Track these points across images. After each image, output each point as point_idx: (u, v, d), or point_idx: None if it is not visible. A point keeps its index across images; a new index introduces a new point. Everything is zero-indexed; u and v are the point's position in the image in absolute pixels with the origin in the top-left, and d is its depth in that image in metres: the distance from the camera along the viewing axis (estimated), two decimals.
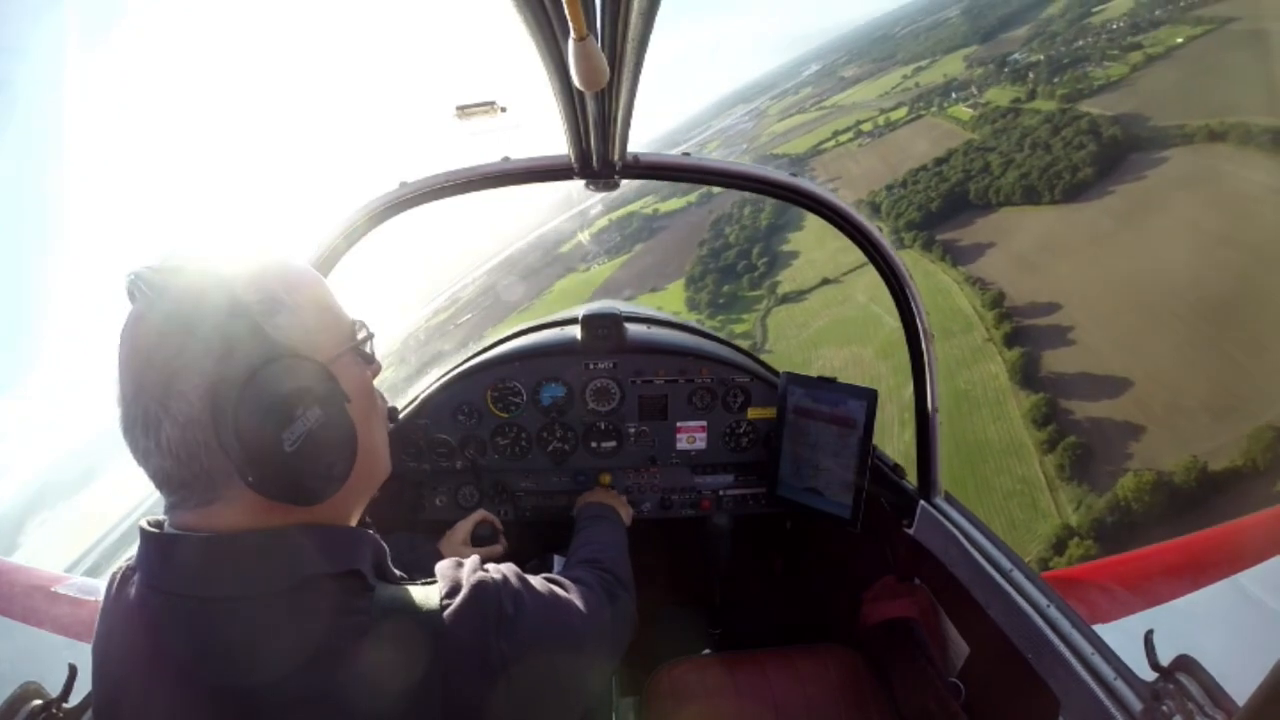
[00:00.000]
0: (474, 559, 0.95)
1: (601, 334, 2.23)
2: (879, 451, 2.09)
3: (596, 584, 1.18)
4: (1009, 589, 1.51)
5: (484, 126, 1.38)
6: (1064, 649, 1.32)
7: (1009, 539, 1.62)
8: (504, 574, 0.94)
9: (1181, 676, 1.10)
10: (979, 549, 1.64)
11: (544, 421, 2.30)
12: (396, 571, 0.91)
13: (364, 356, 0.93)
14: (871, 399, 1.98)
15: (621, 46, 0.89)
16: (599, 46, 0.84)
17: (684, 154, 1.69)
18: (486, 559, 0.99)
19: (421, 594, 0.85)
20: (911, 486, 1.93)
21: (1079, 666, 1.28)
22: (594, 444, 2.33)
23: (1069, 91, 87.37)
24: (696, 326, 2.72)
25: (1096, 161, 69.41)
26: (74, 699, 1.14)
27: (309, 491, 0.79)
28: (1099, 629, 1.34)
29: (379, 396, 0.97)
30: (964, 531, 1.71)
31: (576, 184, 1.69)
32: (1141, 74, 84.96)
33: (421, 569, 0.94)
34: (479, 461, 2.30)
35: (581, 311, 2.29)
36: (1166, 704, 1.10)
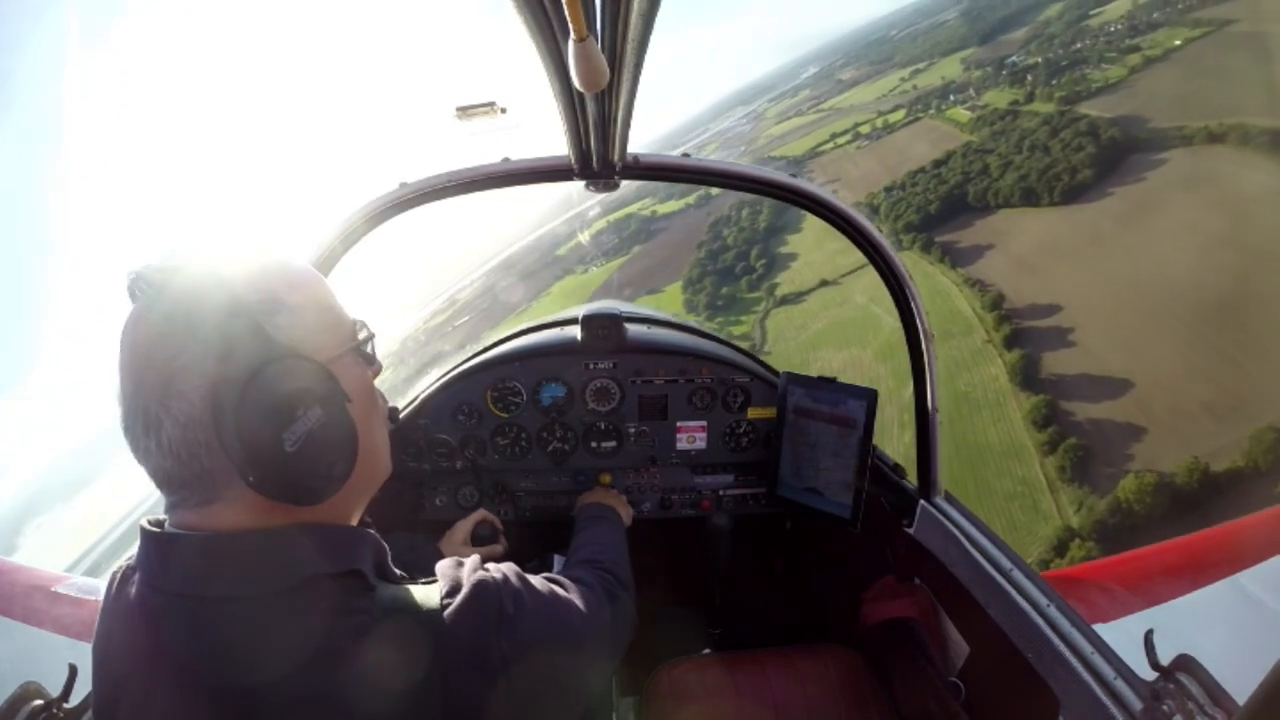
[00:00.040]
0: (474, 559, 0.95)
1: (601, 334, 2.23)
2: (879, 451, 2.09)
3: (596, 584, 1.18)
4: (1009, 589, 1.51)
5: (484, 127, 1.38)
6: (1064, 648, 1.32)
7: (1010, 541, 1.62)
8: (504, 573, 0.94)
9: (1181, 676, 1.10)
10: (979, 549, 1.64)
11: (544, 421, 2.30)
12: (397, 571, 0.91)
13: (365, 357, 0.93)
14: (871, 399, 1.99)
15: (621, 47, 0.90)
16: (599, 47, 0.84)
17: (684, 155, 1.69)
18: (487, 559, 0.99)
19: (422, 593, 0.85)
20: (911, 486, 1.94)
21: (1079, 666, 1.28)
22: (594, 444, 2.33)
23: (1067, 93, 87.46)
24: (696, 327, 2.72)
25: (1095, 163, 69.41)
26: (74, 699, 1.14)
27: (310, 491, 0.79)
28: (1099, 629, 1.34)
29: (380, 397, 0.97)
30: (964, 531, 1.71)
31: (576, 185, 1.69)
32: (1140, 76, 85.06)
33: (422, 569, 0.94)
34: (479, 461, 2.30)
35: (581, 311, 2.29)
36: (1167, 703, 1.10)
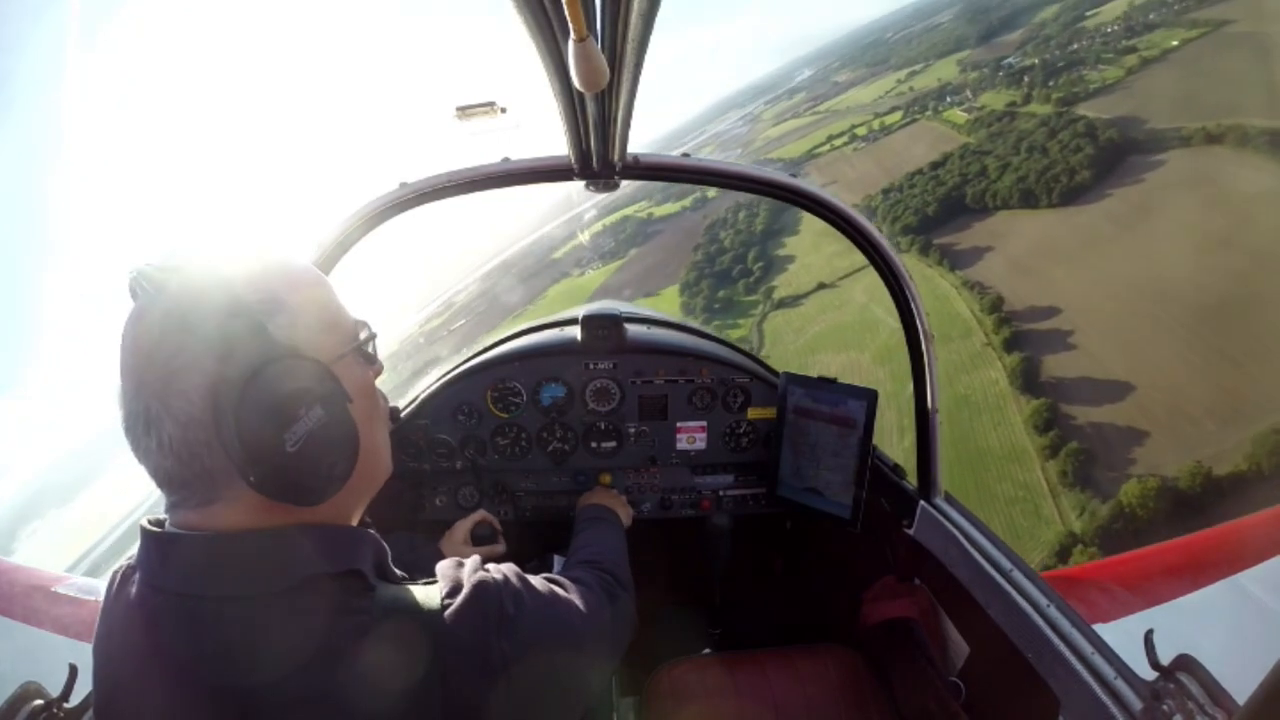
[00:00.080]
0: (475, 559, 0.95)
1: (601, 334, 2.23)
2: (879, 451, 2.09)
3: (596, 584, 1.18)
4: (1009, 589, 1.51)
5: (484, 127, 1.38)
6: (1064, 648, 1.32)
7: (1012, 546, 1.62)
8: (505, 574, 0.94)
9: (1182, 676, 1.10)
10: (979, 549, 1.64)
11: (544, 421, 2.30)
12: (398, 571, 0.91)
13: (366, 357, 0.93)
14: (872, 399, 1.99)
15: (621, 47, 0.90)
16: (599, 47, 0.84)
17: (684, 155, 1.69)
18: (487, 558, 0.99)
19: (423, 594, 0.84)
20: (911, 487, 1.93)
21: (1079, 666, 1.28)
22: (594, 444, 2.33)
23: (1065, 95, 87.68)
24: (696, 327, 2.72)
25: (1094, 164, 69.55)
26: (74, 699, 1.13)
27: (310, 492, 0.79)
28: (1099, 628, 1.34)
29: (381, 397, 0.97)
30: (964, 531, 1.71)
31: (573, 188, 1.69)
32: (1137, 77, 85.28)
33: (422, 569, 0.93)
34: (479, 461, 2.30)
35: (581, 312, 2.29)
36: (1167, 703, 1.10)
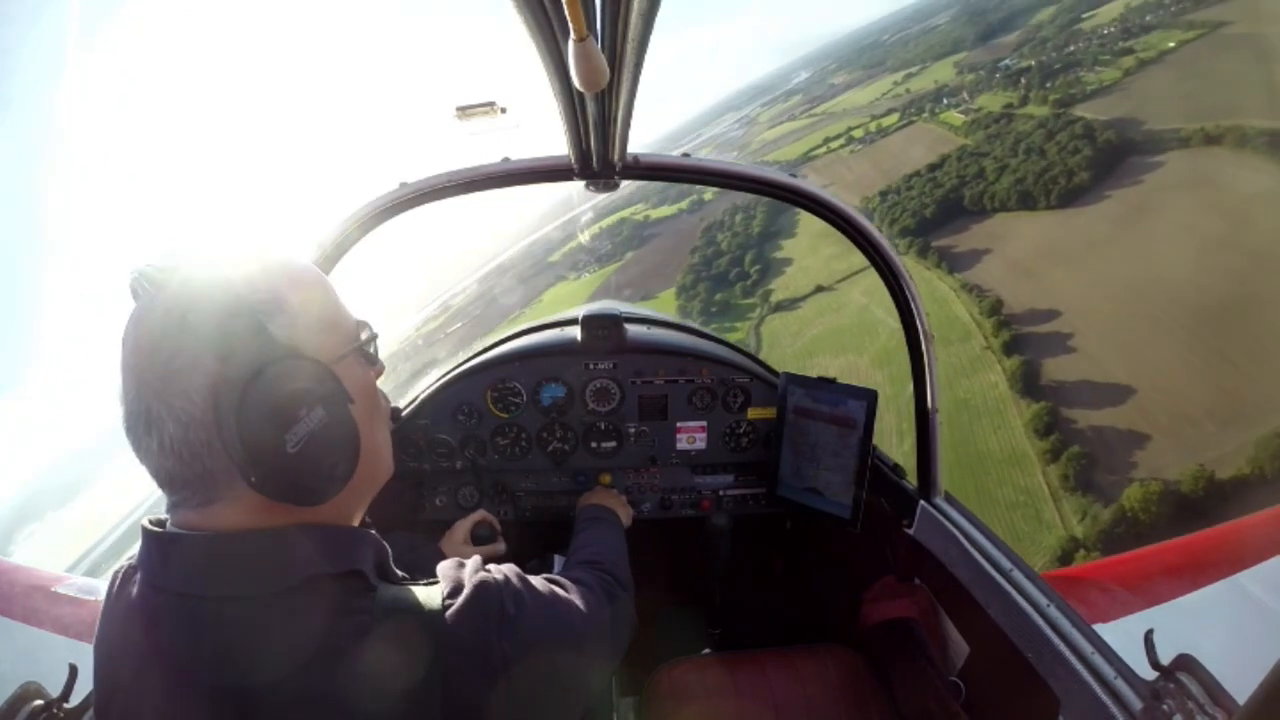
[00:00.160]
0: (475, 559, 0.95)
1: (601, 334, 2.23)
2: (879, 452, 2.09)
3: (596, 584, 1.18)
4: (1009, 589, 1.51)
5: (484, 127, 1.38)
6: (1064, 648, 1.32)
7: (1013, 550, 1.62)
8: (505, 574, 0.94)
9: (1182, 676, 1.10)
10: (979, 549, 1.64)
11: (544, 421, 2.30)
12: (399, 572, 0.91)
13: (367, 357, 0.93)
14: (871, 399, 1.99)
15: (621, 47, 0.90)
16: (599, 47, 0.84)
17: (684, 155, 1.70)
18: (487, 558, 0.99)
19: (424, 594, 0.84)
20: (911, 487, 1.94)
21: (1079, 666, 1.28)
22: (594, 444, 2.33)
23: (1062, 96, 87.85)
24: (696, 327, 2.72)
25: (1092, 166, 69.62)
26: (74, 699, 1.13)
27: (311, 492, 0.78)
28: (1099, 628, 1.34)
29: (382, 397, 0.97)
30: (964, 531, 1.71)
31: (574, 187, 1.69)
32: (1134, 78, 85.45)
33: (422, 569, 0.93)
34: (479, 461, 2.30)
35: (581, 312, 2.29)
36: (1167, 703, 1.10)
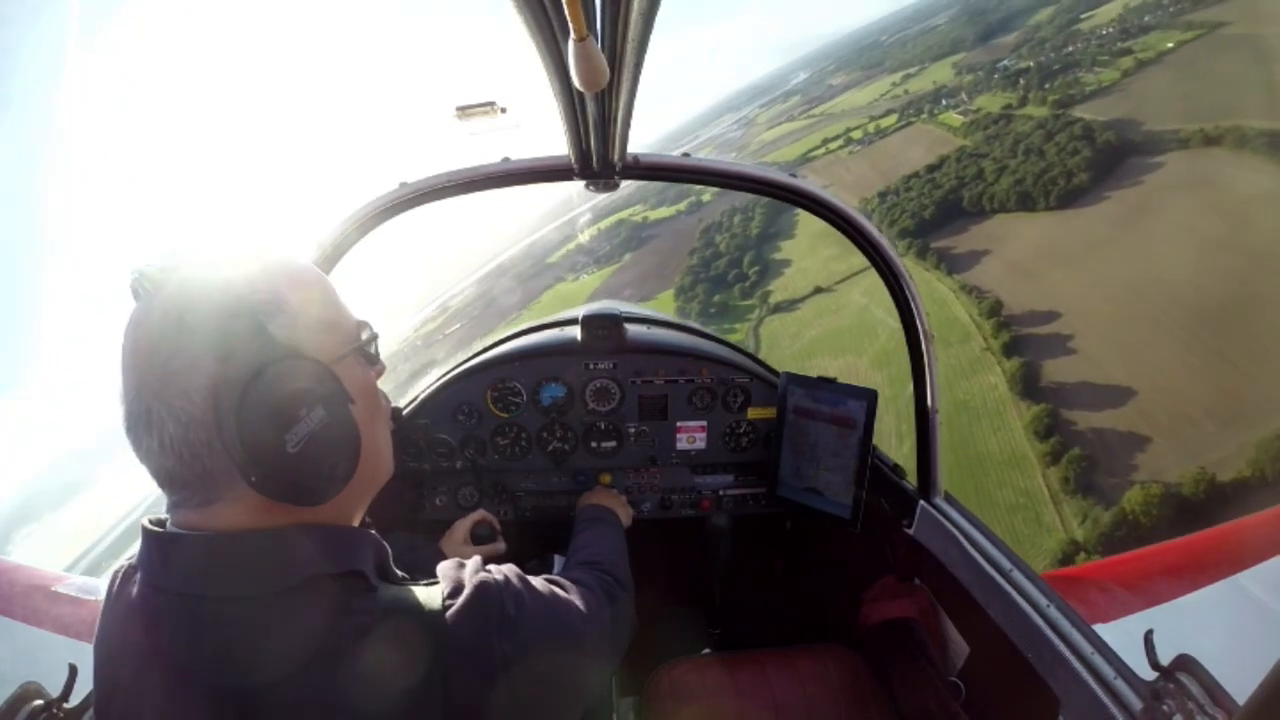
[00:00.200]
0: (476, 559, 0.95)
1: (601, 334, 2.23)
2: (879, 452, 2.09)
3: (596, 585, 1.18)
4: (1009, 589, 1.51)
5: (484, 127, 1.38)
6: (1064, 648, 1.32)
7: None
8: (506, 575, 0.94)
9: (1182, 676, 1.10)
10: (979, 549, 1.64)
11: (544, 421, 2.30)
12: (399, 572, 0.91)
13: (367, 357, 0.92)
14: (871, 399, 1.99)
15: (621, 47, 0.90)
16: (599, 47, 0.84)
17: (684, 155, 1.70)
18: (487, 558, 0.99)
19: (424, 594, 0.84)
20: (911, 487, 1.94)
21: (1079, 666, 1.28)
22: (594, 444, 2.33)
23: (1060, 97, 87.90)
24: (696, 327, 2.72)
25: (1092, 167, 69.60)
26: (74, 699, 1.13)
27: (311, 492, 0.78)
28: (1099, 629, 1.34)
29: (382, 397, 0.97)
30: (964, 531, 1.71)
31: (573, 188, 1.69)
32: (1133, 79, 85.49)
33: (422, 569, 0.93)
34: (479, 461, 2.30)
35: (581, 312, 2.29)
36: (1167, 703, 1.10)
